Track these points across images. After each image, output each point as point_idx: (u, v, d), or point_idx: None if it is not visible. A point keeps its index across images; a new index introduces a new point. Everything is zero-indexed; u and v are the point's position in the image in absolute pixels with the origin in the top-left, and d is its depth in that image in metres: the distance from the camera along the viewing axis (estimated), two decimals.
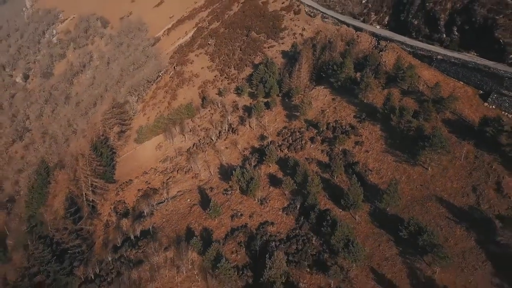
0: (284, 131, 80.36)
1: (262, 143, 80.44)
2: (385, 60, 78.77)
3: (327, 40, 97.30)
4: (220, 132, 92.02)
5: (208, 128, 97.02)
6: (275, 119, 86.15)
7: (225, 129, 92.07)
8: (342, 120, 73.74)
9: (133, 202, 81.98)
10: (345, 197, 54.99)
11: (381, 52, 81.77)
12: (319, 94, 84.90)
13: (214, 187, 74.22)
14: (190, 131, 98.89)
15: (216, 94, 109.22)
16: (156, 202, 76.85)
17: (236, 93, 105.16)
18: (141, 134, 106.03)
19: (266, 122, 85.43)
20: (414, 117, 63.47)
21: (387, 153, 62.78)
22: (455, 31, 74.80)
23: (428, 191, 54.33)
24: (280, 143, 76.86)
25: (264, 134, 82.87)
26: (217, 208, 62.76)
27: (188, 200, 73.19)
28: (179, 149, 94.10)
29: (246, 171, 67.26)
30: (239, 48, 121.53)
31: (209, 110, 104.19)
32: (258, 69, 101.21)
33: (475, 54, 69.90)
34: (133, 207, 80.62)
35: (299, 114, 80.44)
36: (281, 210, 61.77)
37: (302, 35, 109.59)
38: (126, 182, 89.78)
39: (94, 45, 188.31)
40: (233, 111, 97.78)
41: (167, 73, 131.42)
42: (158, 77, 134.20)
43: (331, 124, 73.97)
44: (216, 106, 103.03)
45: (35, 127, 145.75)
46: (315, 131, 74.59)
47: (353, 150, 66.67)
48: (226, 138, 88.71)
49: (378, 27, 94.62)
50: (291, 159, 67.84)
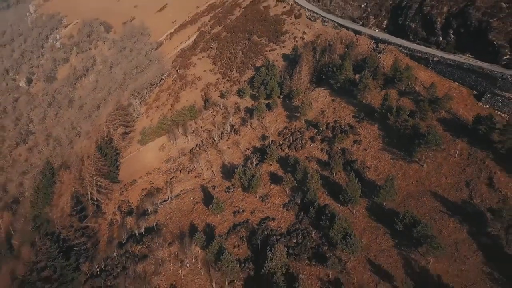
0: (285, 131, 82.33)
1: (263, 143, 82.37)
2: (383, 62, 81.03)
3: (327, 43, 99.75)
4: (222, 133, 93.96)
5: (210, 129, 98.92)
6: (276, 120, 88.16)
7: (227, 130, 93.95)
8: (341, 120, 75.79)
9: (137, 201, 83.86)
10: (343, 192, 56.87)
11: (379, 55, 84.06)
12: (319, 95, 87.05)
13: (217, 185, 76.09)
14: (193, 132, 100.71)
15: (219, 96, 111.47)
16: (160, 200, 78.77)
17: (238, 95, 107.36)
18: (144, 135, 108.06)
19: (267, 123, 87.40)
20: (410, 117, 65.59)
21: (384, 151, 64.80)
22: (451, 34, 76.96)
23: (423, 186, 56.24)
24: (281, 142, 78.77)
25: (265, 134, 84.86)
26: (219, 205, 64.46)
27: (191, 198, 75.01)
28: (182, 149, 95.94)
29: (248, 169, 69.22)
30: (241, 52, 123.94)
31: (211, 112, 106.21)
32: (259, 71, 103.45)
33: (470, 56, 72.05)
34: (137, 206, 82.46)
35: (299, 114, 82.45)
36: (281, 206, 63.60)
37: (302, 39, 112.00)
38: (130, 182, 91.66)
39: (97, 50, 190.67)
40: (235, 112, 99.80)
41: (170, 76, 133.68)
42: (161, 80, 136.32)
43: (330, 124, 76.02)
44: (219, 108, 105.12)
45: (38, 130, 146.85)
46: (315, 131, 76.57)
47: (352, 148, 68.68)
48: (228, 138, 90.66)
49: (376, 30, 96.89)
50: (291, 158, 69.65)
